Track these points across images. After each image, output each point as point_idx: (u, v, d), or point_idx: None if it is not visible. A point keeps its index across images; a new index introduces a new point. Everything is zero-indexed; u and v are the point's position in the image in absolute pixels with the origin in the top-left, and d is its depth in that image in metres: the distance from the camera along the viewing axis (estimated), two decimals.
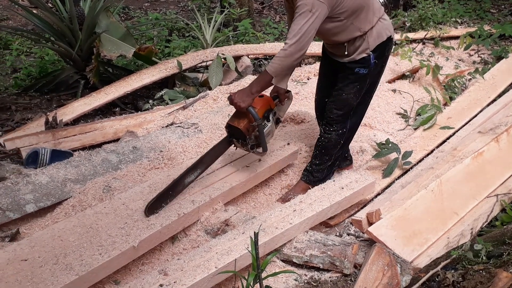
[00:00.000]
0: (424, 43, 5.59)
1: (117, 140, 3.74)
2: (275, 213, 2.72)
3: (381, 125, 3.92)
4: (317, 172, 3.16)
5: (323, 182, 3.10)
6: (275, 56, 2.73)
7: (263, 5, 8.00)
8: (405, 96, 4.34)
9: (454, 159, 3.28)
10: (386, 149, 3.41)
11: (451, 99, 4.33)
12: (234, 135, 2.91)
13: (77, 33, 4.67)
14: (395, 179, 3.38)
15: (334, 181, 3.05)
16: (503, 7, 7.40)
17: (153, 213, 2.66)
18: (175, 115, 3.99)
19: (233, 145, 2.98)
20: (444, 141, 3.75)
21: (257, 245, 1.92)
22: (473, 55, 5.47)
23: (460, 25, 6.46)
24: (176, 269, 2.30)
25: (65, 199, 2.93)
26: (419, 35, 5.74)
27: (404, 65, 4.79)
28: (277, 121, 3.06)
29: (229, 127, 2.89)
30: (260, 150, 2.93)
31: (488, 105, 4.21)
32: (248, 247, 2.38)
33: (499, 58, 5.11)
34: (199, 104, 4.13)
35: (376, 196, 3.23)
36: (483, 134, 3.56)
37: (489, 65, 4.97)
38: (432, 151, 3.64)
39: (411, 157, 3.44)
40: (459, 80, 4.55)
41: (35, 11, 5.08)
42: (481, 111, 4.10)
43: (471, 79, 4.64)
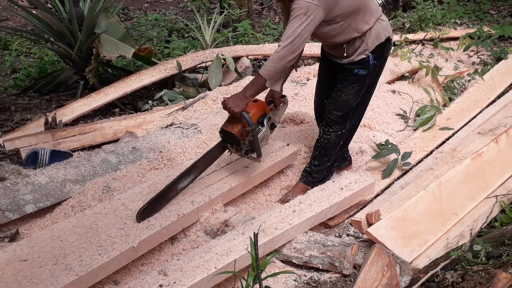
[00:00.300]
0: (423, 44, 5.60)
1: (116, 140, 3.74)
2: (275, 214, 2.72)
3: (380, 126, 3.92)
4: (316, 173, 3.17)
5: (322, 183, 3.10)
6: (268, 59, 2.72)
7: (263, 6, 8.01)
8: (405, 97, 4.34)
9: (453, 160, 3.28)
10: (385, 150, 3.41)
11: (451, 100, 4.33)
12: (228, 140, 2.88)
13: (77, 34, 4.67)
14: (395, 180, 3.38)
15: (333, 182, 3.05)
16: (502, 8, 7.41)
17: (144, 219, 2.61)
18: (174, 115, 3.99)
19: (228, 150, 2.95)
20: (443, 142, 3.75)
21: (257, 246, 1.92)
22: (472, 56, 5.48)
23: (459, 26, 6.47)
24: (175, 269, 2.30)
25: (65, 200, 2.93)
26: (419, 36, 5.74)
27: (403, 66, 4.79)
28: (272, 126, 3.03)
29: (223, 132, 2.86)
30: (254, 155, 2.90)
31: (487, 106, 4.20)
32: (247, 248, 2.38)
33: (498, 59, 5.11)
34: (199, 104, 4.13)
35: (375, 197, 3.23)
36: (483, 135, 3.56)
37: (489, 66, 4.97)
38: (431, 152, 3.64)
39: (411, 158, 3.44)
40: (458, 81, 4.55)
41: (34, 12, 5.08)
42: (480, 112, 4.10)
43: (470, 80, 4.64)
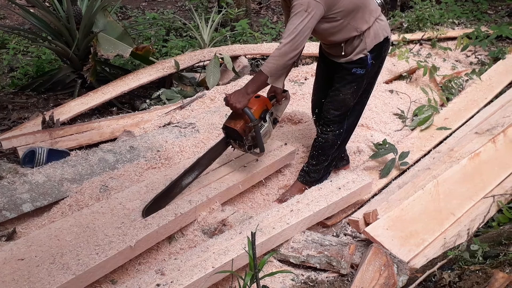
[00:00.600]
0: (421, 44, 5.60)
1: (114, 139, 3.73)
2: (272, 213, 2.72)
3: (378, 125, 3.92)
4: (314, 172, 3.17)
5: (320, 182, 3.10)
6: (270, 55, 2.72)
7: (261, 5, 8.00)
8: (402, 96, 4.35)
9: (451, 159, 3.28)
10: (383, 149, 3.41)
11: (448, 100, 4.33)
12: (231, 136, 2.91)
13: (74, 32, 4.66)
14: (392, 180, 3.38)
15: (331, 181, 3.05)
16: (500, 8, 7.41)
17: (149, 215, 2.66)
18: (172, 114, 3.99)
19: (231, 146, 2.98)
20: (441, 142, 3.76)
21: (254, 245, 1.92)
22: (470, 56, 5.48)
23: (457, 26, 6.47)
24: (173, 268, 2.30)
25: (62, 199, 2.93)
26: (417, 36, 5.74)
27: (401, 66, 4.79)
28: (275, 121, 3.06)
29: (225, 128, 2.89)
30: (257, 150, 2.92)
31: (485, 106, 4.21)
32: (245, 247, 2.38)
33: (496, 59, 5.11)
34: (196, 104, 4.13)
35: (373, 196, 3.23)
36: (480, 135, 3.56)
37: (486, 66, 4.97)
38: (429, 152, 3.65)
39: (408, 158, 3.44)
40: (456, 81, 4.56)
41: (32, 10, 5.07)
42: (478, 112, 4.10)
43: (468, 80, 4.65)
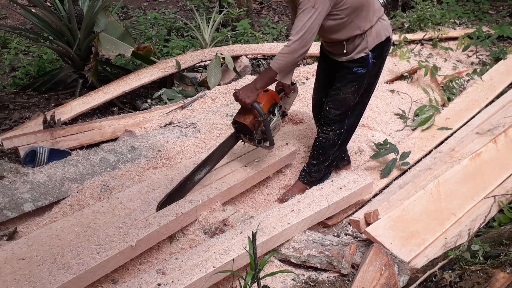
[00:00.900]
0: (422, 44, 5.60)
1: (115, 139, 3.73)
2: (273, 213, 2.72)
3: (379, 125, 3.92)
4: (315, 172, 3.16)
5: (320, 182, 3.10)
6: (279, 52, 2.75)
7: (262, 5, 8.00)
8: (404, 96, 4.34)
9: (452, 160, 3.28)
10: (384, 149, 3.41)
11: (449, 100, 4.33)
12: (241, 130, 2.96)
13: (76, 32, 4.67)
14: (393, 180, 3.38)
15: (332, 181, 3.05)
16: (501, 8, 7.41)
17: (163, 208, 2.72)
18: (173, 114, 3.99)
19: (241, 140, 3.03)
20: (442, 142, 3.75)
21: (255, 245, 1.91)
22: (471, 56, 5.48)
23: (458, 26, 6.47)
24: (174, 268, 2.30)
25: (63, 198, 2.93)
26: (418, 36, 5.74)
27: (402, 66, 4.79)
28: (283, 114, 3.11)
29: (235, 123, 2.93)
30: (267, 144, 2.97)
31: (486, 106, 4.20)
32: (246, 247, 2.38)
33: (497, 59, 5.11)
34: (198, 103, 4.13)
35: (374, 196, 3.23)
36: (481, 135, 3.56)
37: (487, 66, 4.97)
38: (430, 152, 3.64)
39: (409, 158, 3.44)
40: (457, 81, 4.55)
41: (33, 10, 5.07)
42: (479, 112, 4.10)
43: (469, 80, 4.64)
